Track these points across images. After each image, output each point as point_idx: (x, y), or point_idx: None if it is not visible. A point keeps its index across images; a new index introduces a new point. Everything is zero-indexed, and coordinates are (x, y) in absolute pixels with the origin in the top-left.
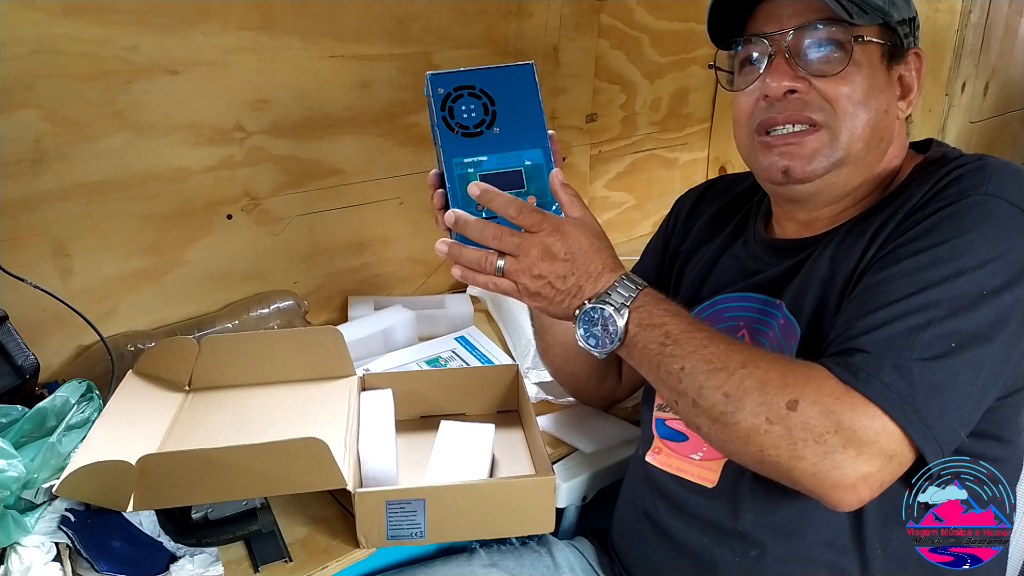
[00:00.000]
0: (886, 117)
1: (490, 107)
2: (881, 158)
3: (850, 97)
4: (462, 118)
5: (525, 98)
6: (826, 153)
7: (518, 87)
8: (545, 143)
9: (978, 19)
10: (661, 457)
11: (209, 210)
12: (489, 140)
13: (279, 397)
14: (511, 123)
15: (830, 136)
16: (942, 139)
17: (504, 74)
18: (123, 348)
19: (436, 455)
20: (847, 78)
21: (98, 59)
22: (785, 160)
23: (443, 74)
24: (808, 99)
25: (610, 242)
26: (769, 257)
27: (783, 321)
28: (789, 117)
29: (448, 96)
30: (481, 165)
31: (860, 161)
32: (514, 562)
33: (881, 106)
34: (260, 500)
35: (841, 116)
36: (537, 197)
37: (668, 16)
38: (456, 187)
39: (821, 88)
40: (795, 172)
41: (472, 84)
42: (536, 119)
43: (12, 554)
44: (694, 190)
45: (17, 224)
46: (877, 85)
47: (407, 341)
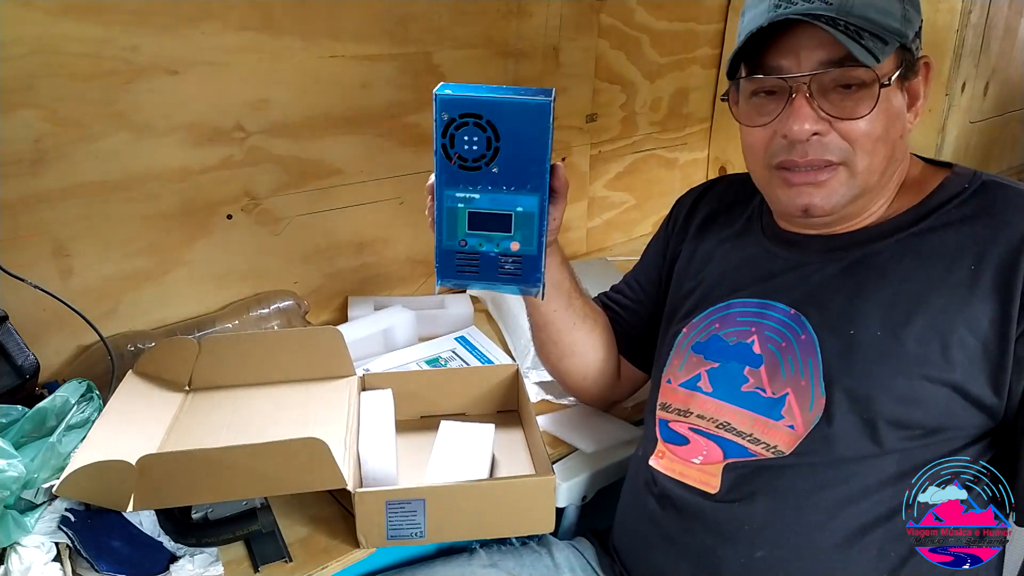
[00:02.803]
0: (900, 142)
1: (493, 142)
2: (895, 174)
3: (870, 135)
4: (462, 149)
5: (533, 139)
6: (844, 191)
7: (528, 126)
8: (544, 191)
9: (978, 19)
10: (664, 462)
11: (209, 210)
12: (486, 177)
13: (279, 397)
14: (512, 164)
15: (849, 174)
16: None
17: (517, 110)
18: (123, 348)
19: (436, 455)
20: (870, 118)
21: (98, 59)
22: (805, 199)
23: (451, 98)
24: (828, 141)
25: None
26: (786, 253)
27: (804, 337)
28: (810, 161)
29: (452, 123)
30: (472, 202)
31: (876, 187)
32: (514, 562)
33: (897, 133)
34: (260, 500)
35: (860, 154)
36: (521, 244)
37: (668, 16)
38: (443, 219)
39: (842, 129)
40: (815, 210)
41: (480, 113)
42: (540, 164)
43: (12, 554)
44: (694, 190)
45: (17, 224)
46: (895, 114)
47: (407, 341)
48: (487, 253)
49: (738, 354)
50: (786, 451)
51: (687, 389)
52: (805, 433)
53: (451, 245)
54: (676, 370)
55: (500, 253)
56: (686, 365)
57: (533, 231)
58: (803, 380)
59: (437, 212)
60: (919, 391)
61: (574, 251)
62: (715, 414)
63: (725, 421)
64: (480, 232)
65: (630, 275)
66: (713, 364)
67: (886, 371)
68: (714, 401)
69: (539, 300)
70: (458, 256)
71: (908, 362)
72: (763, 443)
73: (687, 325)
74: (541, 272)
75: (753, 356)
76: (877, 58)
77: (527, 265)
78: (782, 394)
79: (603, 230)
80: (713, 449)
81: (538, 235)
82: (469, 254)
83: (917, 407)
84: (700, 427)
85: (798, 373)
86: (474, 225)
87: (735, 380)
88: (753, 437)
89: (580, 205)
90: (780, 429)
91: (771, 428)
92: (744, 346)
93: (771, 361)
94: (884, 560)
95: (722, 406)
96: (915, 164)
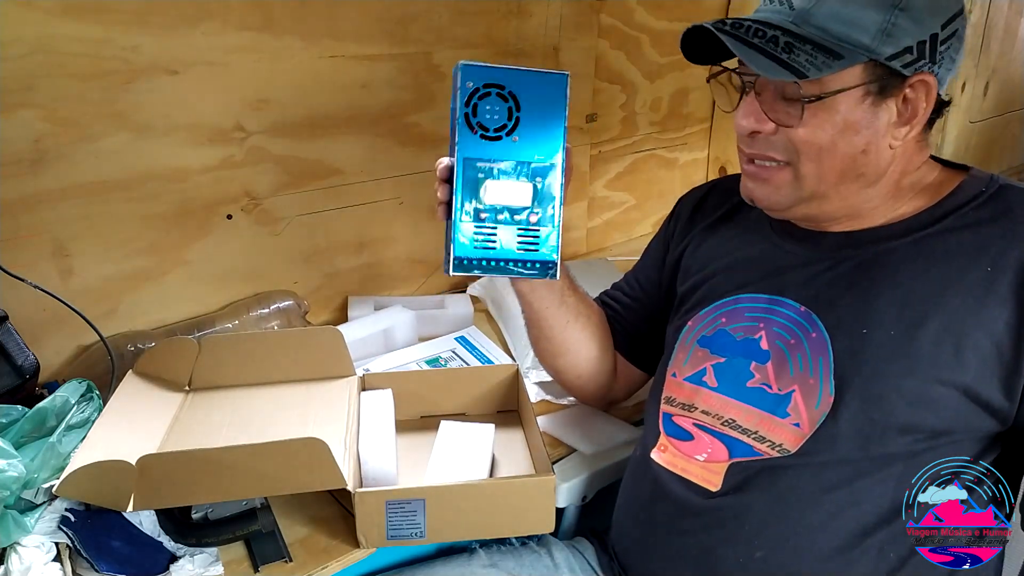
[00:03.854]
0: (864, 156)
1: (515, 112)
2: (876, 181)
3: (811, 143)
4: (484, 119)
5: (552, 110)
6: (789, 191)
7: (548, 97)
8: (562, 163)
9: (978, 19)
10: (667, 456)
11: (209, 210)
12: (506, 147)
13: (279, 397)
14: (532, 134)
15: (793, 175)
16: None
17: (538, 80)
18: (123, 348)
19: (436, 455)
20: (808, 127)
21: (98, 59)
22: (752, 189)
23: (475, 67)
24: (774, 139)
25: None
26: (796, 249)
27: (816, 335)
28: (756, 154)
29: (476, 92)
30: (493, 172)
31: (837, 194)
32: (514, 562)
33: (857, 147)
34: (260, 500)
35: (804, 160)
36: (540, 216)
37: (668, 16)
38: (463, 188)
39: (785, 131)
40: (759, 201)
41: (503, 84)
42: (557, 136)
43: (12, 554)
44: (697, 190)
45: (17, 224)
46: (851, 127)
47: (407, 341)
48: (506, 224)
49: (745, 349)
50: (791, 449)
51: (692, 383)
52: (810, 432)
53: (469, 217)
54: (681, 364)
55: (519, 224)
56: (691, 359)
57: (552, 202)
58: (812, 379)
59: (458, 183)
60: (930, 393)
61: (574, 251)
62: (720, 410)
63: (730, 418)
64: (498, 204)
65: (630, 274)
66: (719, 359)
67: (898, 371)
68: (719, 396)
69: (533, 297)
70: (476, 230)
71: (921, 363)
72: (768, 441)
73: (693, 318)
74: (557, 244)
75: (760, 352)
76: (804, 74)
77: (545, 238)
78: (788, 391)
79: (603, 230)
80: (718, 447)
81: (556, 206)
82: (487, 228)
83: (927, 409)
84: (705, 423)
85: (807, 371)
86: (493, 196)
87: (741, 375)
88: (759, 435)
89: (580, 205)
90: (786, 427)
91: (777, 426)
92: (751, 341)
93: (778, 358)
94: (884, 561)
95: (727, 402)
96: (932, 167)
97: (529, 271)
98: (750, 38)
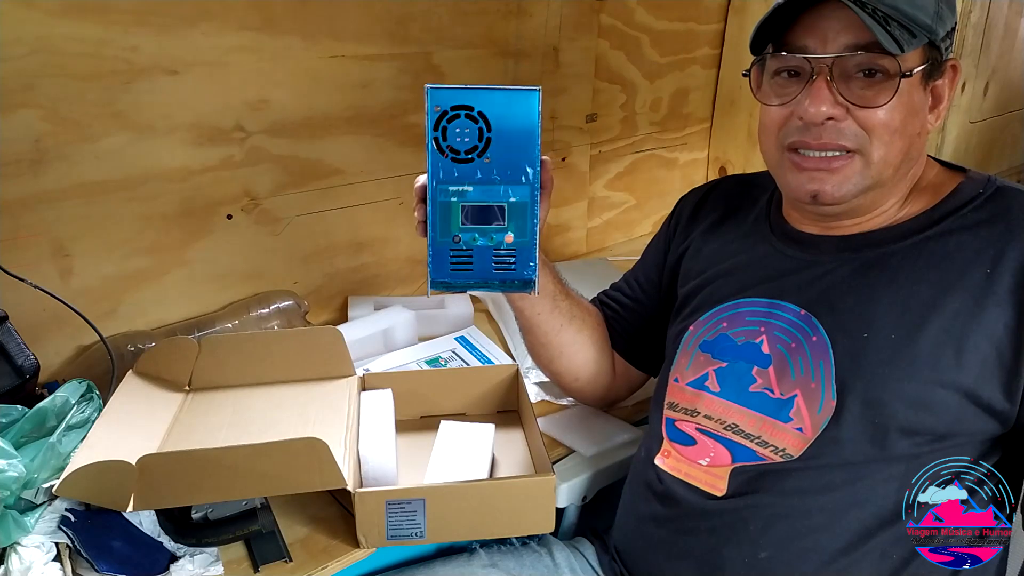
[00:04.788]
0: (918, 139)
1: (485, 133)
2: (909, 172)
3: (887, 126)
4: (454, 141)
5: (523, 128)
6: (857, 179)
7: (518, 115)
8: (536, 180)
9: (978, 19)
10: (670, 461)
11: (209, 210)
12: (478, 169)
13: (279, 397)
14: (504, 154)
15: (863, 163)
16: (942, 139)
17: (507, 98)
18: (123, 348)
19: (436, 455)
20: (889, 108)
21: (98, 59)
22: (815, 184)
23: (442, 89)
24: (843, 127)
25: None
26: (796, 252)
27: (816, 339)
28: (824, 144)
29: (444, 115)
30: (465, 195)
31: (889, 182)
32: (514, 562)
33: (915, 129)
34: (260, 500)
35: (876, 144)
36: (515, 235)
37: (668, 16)
38: (436, 213)
39: (860, 116)
40: (824, 197)
41: (471, 105)
42: (530, 153)
43: (12, 554)
44: (697, 190)
45: (17, 224)
46: (915, 109)
47: (407, 341)
48: (481, 247)
49: (746, 354)
50: (794, 454)
51: (694, 388)
52: (814, 437)
53: (445, 241)
54: (683, 369)
55: (494, 246)
56: (693, 364)
57: (526, 221)
58: (813, 383)
59: (431, 209)
60: (931, 396)
61: (574, 251)
62: (723, 415)
63: (733, 423)
64: (474, 226)
65: (629, 274)
66: (721, 363)
67: (899, 375)
68: (722, 401)
69: (524, 304)
70: (452, 253)
71: (921, 366)
72: (771, 446)
73: (694, 323)
74: (535, 263)
75: (762, 356)
76: (902, 48)
77: (521, 256)
78: (790, 395)
79: (603, 230)
80: (721, 452)
81: (531, 225)
82: (463, 250)
83: (928, 412)
84: (708, 428)
85: (808, 375)
86: (468, 219)
87: (743, 380)
88: (761, 439)
89: (580, 205)
90: (788, 431)
91: (779, 430)
92: (752, 346)
93: (780, 362)
94: (886, 562)
95: (729, 406)
96: (931, 166)
97: (508, 288)
98: (863, 7)
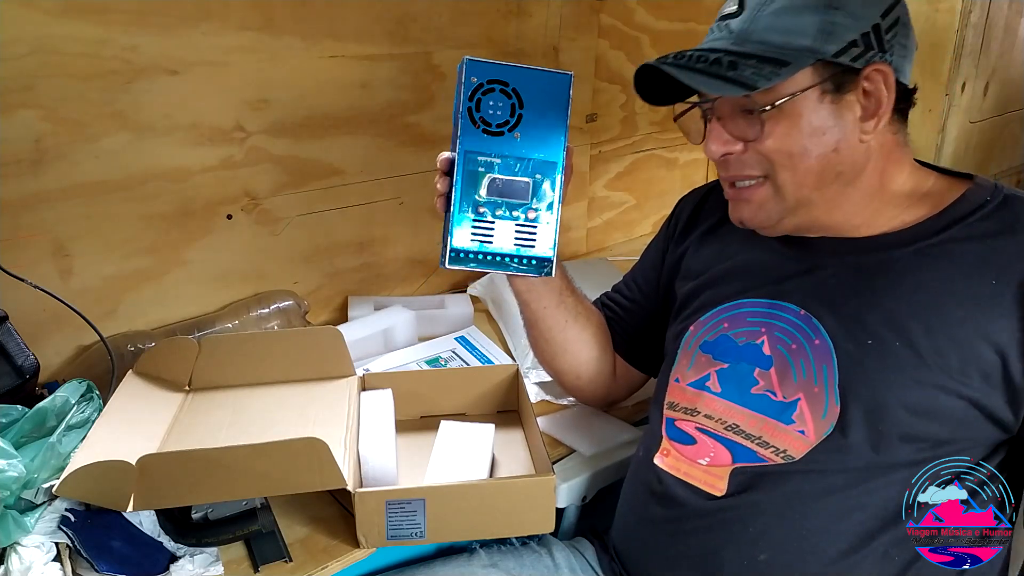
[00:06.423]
0: (836, 155)
1: (517, 109)
2: (855, 179)
3: (782, 151)
4: (487, 114)
5: (554, 109)
6: (772, 205)
7: (551, 96)
8: (562, 161)
9: (978, 19)
10: (669, 460)
11: (209, 210)
12: (508, 143)
13: (279, 397)
14: (533, 131)
15: (773, 189)
16: (942, 139)
17: (541, 79)
18: (123, 348)
19: (436, 455)
20: (773, 136)
21: (98, 59)
22: (738, 212)
23: (480, 62)
24: (746, 158)
25: None
26: (798, 255)
27: (818, 342)
28: (733, 176)
29: (479, 87)
30: (493, 167)
31: (821, 199)
32: (514, 562)
33: (828, 147)
34: (260, 500)
35: (779, 169)
36: (538, 212)
37: (668, 16)
38: (463, 181)
39: (755, 147)
40: (748, 222)
41: (506, 80)
42: (559, 133)
43: (12, 554)
44: (697, 191)
45: (17, 224)
46: (819, 127)
47: (407, 341)
48: (504, 219)
49: (747, 355)
50: (796, 456)
51: (695, 389)
52: (817, 441)
53: (467, 210)
54: (684, 369)
55: (516, 222)
56: (695, 365)
57: (550, 200)
58: (816, 387)
59: (458, 177)
60: (934, 403)
61: (574, 251)
62: (723, 415)
63: (734, 423)
64: (497, 199)
65: (629, 275)
66: (722, 364)
67: (902, 381)
68: (723, 402)
69: (531, 297)
70: (474, 223)
71: (925, 373)
72: (772, 447)
73: (694, 323)
74: (555, 243)
75: (763, 357)
76: (754, 86)
77: (542, 235)
78: (794, 399)
79: (603, 230)
80: (721, 452)
81: (555, 204)
82: (485, 222)
83: (932, 419)
84: (708, 428)
85: (811, 379)
86: (492, 191)
87: (745, 381)
88: (762, 440)
89: (580, 205)
90: (790, 433)
91: (781, 432)
92: (753, 347)
93: (781, 363)
94: (888, 564)
95: (731, 407)
96: (928, 174)
97: (524, 267)
98: (694, 65)
